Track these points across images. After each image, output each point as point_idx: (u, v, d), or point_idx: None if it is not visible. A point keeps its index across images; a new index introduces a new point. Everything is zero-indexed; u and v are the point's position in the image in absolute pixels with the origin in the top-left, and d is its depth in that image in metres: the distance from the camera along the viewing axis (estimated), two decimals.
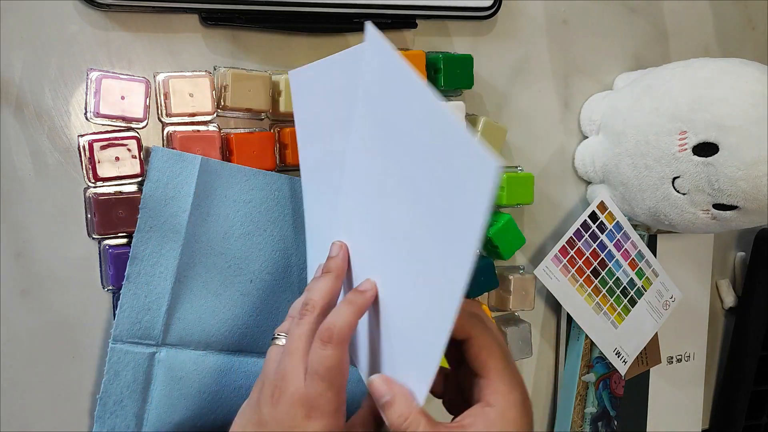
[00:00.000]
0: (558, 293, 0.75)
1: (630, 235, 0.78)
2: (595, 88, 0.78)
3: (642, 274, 0.79)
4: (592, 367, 0.75)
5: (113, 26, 0.57)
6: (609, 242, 0.78)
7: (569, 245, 0.76)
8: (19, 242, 0.55)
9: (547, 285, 0.74)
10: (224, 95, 0.58)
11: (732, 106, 0.62)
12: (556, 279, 0.75)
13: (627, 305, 0.79)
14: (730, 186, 0.63)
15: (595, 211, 0.77)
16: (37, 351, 0.56)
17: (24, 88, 0.54)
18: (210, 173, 0.58)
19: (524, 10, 0.73)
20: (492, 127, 0.70)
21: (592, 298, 0.77)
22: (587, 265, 0.76)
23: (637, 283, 0.79)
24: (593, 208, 0.76)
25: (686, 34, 0.83)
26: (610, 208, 0.77)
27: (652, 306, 0.80)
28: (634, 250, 0.79)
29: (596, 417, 0.76)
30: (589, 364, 0.75)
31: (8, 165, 0.54)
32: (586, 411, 0.76)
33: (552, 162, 0.77)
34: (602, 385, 0.76)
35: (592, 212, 0.76)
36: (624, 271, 0.78)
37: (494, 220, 0.71)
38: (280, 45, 0.63)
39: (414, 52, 0.65)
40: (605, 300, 0.77)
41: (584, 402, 0.76)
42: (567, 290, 0.75)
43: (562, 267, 0.75)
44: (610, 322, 0.78)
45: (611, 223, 0.78)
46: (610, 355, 0.77)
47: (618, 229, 0.78)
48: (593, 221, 0.77)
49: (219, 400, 0.60)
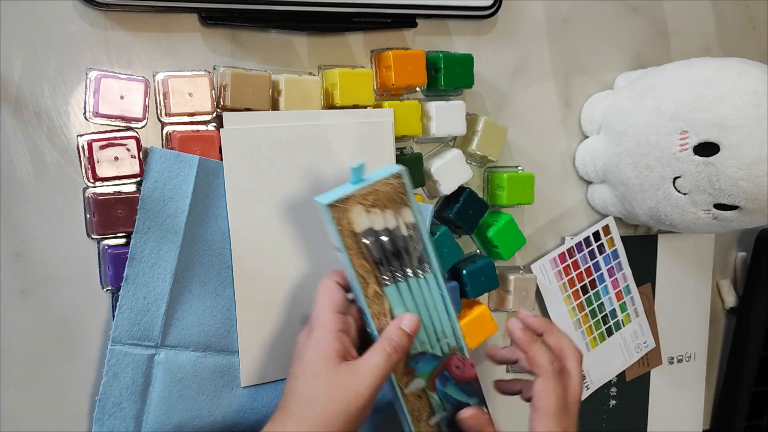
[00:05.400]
0: (546, 294, 0.76)
1: (623, 267, 0.80)
2: (595, 87, 0.78)
3: (625, 308, 0.81)
4: (413, 372, 0.55)
5: (113, 26, 0.57)
6: (604, 265, 0.79)
7: (569, 253, 0.76)
8: (19, 242, 0.55)
9: (539, 282, 0.75)
10: (224, 95, 0.58)
11: (733, 106, 0.62)
12: (548, 280, 0.75)
13: (604, 333, 0.80)
14: (731, 186, 0.63)
15: (599, 231, 0.78)
16: (36, 351, 0.56)
17: (23, 88, 0.54)
18: (208, 173, 0.57)
19: (525, 10, 0.73)
20: (492, 126, 0.69)
21: (575, 312, 0.78)
22: (579, 278, 0.78)
23: (618, 316, 0.80)
24: (599, 228, 0.77)
25: (687, 34, 0.83)
26: (612, 234, 0.78)
27: (625, 343, 0.81)
28: (623, 283, 0.80)
29: (452, 418, 0.57)
30: (408, 371, 0.55)
31: (7, 165, 0.54)
32: (433, 421, 0.56)
33: (552, 162, 0.77)
34: (440, 381, 0.56)
35: (596, 231, 0.77)
36: (610, 298, 0.80)
37: (494, 220, 0.71)
38: (280, 45, 0.63)
39: (414, 51, 0.65)
40: (586, 319, 0.78)
41: (428, 414, 0.56)
42: (555, 295, 0.76)
43: (556, 272, 0.76)
44: (585, 343, 0.78)
45: (611, 248, 0.79)
46: None
47: (614, 257, 0.80)
48: (595, 240, 0.77)
49: (218, 401, 0.60)
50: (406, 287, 0.54)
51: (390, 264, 0.53)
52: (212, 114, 0.59)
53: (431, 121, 0.66)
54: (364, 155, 0.62)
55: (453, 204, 0.68)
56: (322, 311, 0.52)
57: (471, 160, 0.71)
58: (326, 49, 0.64)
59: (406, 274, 0.54)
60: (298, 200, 0.60)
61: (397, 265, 0.54)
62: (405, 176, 0.54)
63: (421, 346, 0.55)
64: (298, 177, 0.60)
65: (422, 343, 0.55)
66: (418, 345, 0.55)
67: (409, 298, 0.54)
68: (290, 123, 0.60)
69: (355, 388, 0.50)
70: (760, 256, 0.88)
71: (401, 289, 0.54)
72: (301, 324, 0.56)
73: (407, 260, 0.54)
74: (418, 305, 0.55)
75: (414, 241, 0.54)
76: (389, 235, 0.53)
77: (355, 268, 0.52)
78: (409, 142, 0.68)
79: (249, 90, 0.59)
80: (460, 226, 0.68)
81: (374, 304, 0.53)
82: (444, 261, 0.67)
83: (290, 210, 0.60)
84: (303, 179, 0.60)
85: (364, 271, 0.53)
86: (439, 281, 0.56)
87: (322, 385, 0.50)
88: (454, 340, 0.57)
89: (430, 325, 0.56)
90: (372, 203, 0.53)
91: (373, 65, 0.66)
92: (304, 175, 0.60)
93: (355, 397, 0.50)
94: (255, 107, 0.59)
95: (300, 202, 0.60)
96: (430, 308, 0.55)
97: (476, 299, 0.72)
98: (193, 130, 0.58)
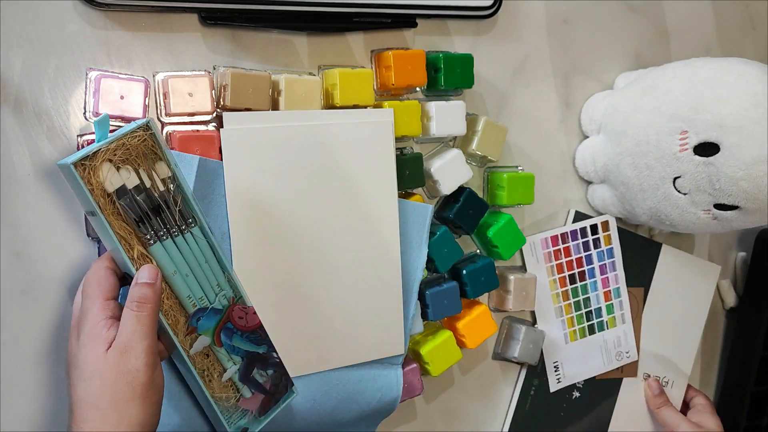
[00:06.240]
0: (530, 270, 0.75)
1: (617, 268, 0.79)
2: (595, 87, 0.78)
3: (611, 310, 0.80)
4: (195, 330, 0.53)
5: (113, 26, 0.57)
6: (597, 260, 0.78)
7: (562, 238, 0.76)
8: (19, 242, 0.55)
9: (526, 259, 0.75)
10: (224, 95, 0.58)
11: (733, 106, 0.62)
12: (535, 258, 0.75)
13: (585, 329, 0.79)
14: (731, 186, 0.63)
15: (598, 225, 0.78)
16: (37, 351, 0.56)
17: (23, 88, 0.54)
18: (208, 173, 0.57)
19: (524, 10, 0.73)
20: (492, 126, 0.69)
21: (558, 298, 0.77)
22: (569, 266, 0.77)
23: (603, 316, 0.79)
24: (597, 222, 0.77)
25: (687, 34, 0.83)
26: (611, 232, 0.78)
27: (606, 347, 0.80)
28: (614, 284, 0.80)
29: (245, 370, 0.56)
30: (189, 330, 0.53)
31: (7, 165, 0.54)
32: (225, 377, 0.55)
33: (552, 162, 0.77)
34: (225, 334, 0.54)
35: (595, 224, 0.77)
36: (597, 296, 0.79)
37: (494, 220, 0.71)
38: (280, 44, 0.63)
39: (414, 51, 0.65)
40: (569, 309, 0.78)
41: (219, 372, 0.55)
42: (540, 275, 0.75)
43: (546, 252, 0.76)
44: (564, 333, 0.78)
45: (607, 245, 0.79)
46: (549, 365, 0.77)
47: (609, 255, 0.79)
48: (592, 233, 0.77)
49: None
50: (172, 244, 0.52)
51: (151, 222, 0.50)
52: (212, 114, 0.59)
53: (431, 121, 0.66)
54: (364, 155, 0.62)
55: (453, 204, 0.68)
56: (91, 302, 0.49)
57: (471, 160, 0.71)
58: (326, 49, 0.64)
59: (171, 232, 0.51)
60: (298, 200, 0.60)
61: (159, 223, 0.51)
62: (154, 127, 0.51)
63: (200, 302, 0.53)
64: (298, 177, 0.60)
65: (200, 299, 0.53)
66: (196, 301, 0.53)
67: (177, 255, 0.52)
68: (290, 123, 0.60)
69: (128, 367, 0.47)
70: (760, 256, 0.88)
71: (167, 247, 0.52)
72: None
73: (168, 217, 0.51)
74: (188, 261, 0.53)
75: (173, 195, 0.52)
76: (145, 193, 0.50)
77: (115, 230, 0.49)
78: (409, 142, 0.68)
79: (249, 90, 0.59)
80: (460, 226, 0.68)
81: (141, 266, 0.50)
82: (444, 261, 0.67)
83: (290, 210, 0.60)
84: (303, 179, 0.60)
85: (125, 232, 0.50)
86: (207, 233, 0.54)
87: (98, 385, 0.47)
88: (231, 291, 0.55)
89: (205, 280, 0.54)
90: (122, 158, 0.49)
91: (373, 65, 0.66)
92: (304, 175, 0.60)
93: (134, 374, 0.47)
94: (255, 107, 0.59)
95: (300, 202, 0.60)
96: (201, 263, 0.53)
97: (476, 299, 0.72)
98: (193, 130, 0.58)
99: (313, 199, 0.61)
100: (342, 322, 0.63)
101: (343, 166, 0.62)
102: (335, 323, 0.63)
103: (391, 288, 0.64)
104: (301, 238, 0.61)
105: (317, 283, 0.62)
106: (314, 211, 0.61)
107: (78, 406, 0.47)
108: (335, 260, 0.62)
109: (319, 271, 0.61)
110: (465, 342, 0.69)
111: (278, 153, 0.59)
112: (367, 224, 0.63)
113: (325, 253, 0.62)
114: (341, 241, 0.62)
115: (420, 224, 0.66)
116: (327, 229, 0.62)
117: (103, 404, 0.47)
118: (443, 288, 0.67)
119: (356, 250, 0.63)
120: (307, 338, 0.62)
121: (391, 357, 0.65)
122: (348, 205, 0.62)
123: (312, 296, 0.61)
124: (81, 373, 0.48)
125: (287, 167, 0.60)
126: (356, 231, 0.63)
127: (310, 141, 0.60)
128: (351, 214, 0.62)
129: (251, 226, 0.59)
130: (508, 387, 0.77)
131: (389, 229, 0.64)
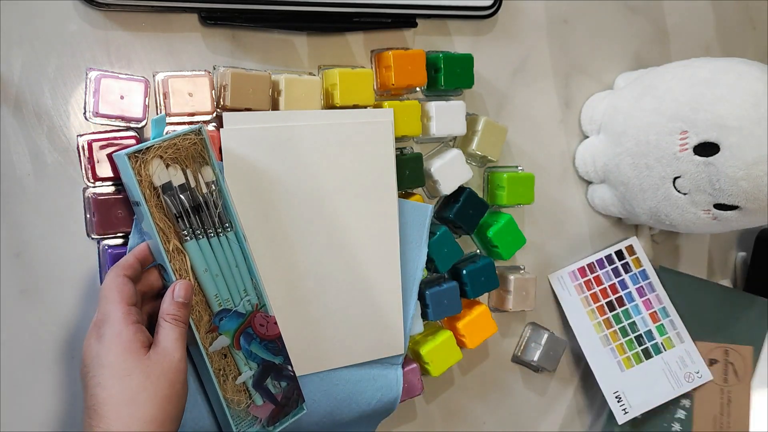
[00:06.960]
0: (566, 306, 0.76)
1: (656, 288, 0.78)
2: (595, 87, 0.78)
3: (664, 331, 0.78)
4: (217, 329, 0.55)
5: (113, 26, 0.57)
6: (632, 284, 0.78)
7: (589, 269, 0.76)
8: (19, 242, 0.55)
9: (558, 293, 0.75)
10: (224, 95, 0.58)
11: (733, 106, 0.62)
12: (567, 292, 0.75)
13: (640, 354, 0.77)
14: (731, 186, 0.63)
15: (623, 250, 0.78)
16: (37, 351, 0.56)
17: (23, 88, 0.54)
18: None
19: (524, 10, 0.73)
20: (492, 126, 0.69)
21: (601, 327, 0.76)
22: (603, 294, 0.77)
23: (656, 338, 0.77)
24: (622, 248, 0.78)
25: (687, 34, 0.83)
26: (638, 255, 0.78)
27: (670, 369, 0.77)
28: (658, 304, 0.78)
29: (259, 377, 0.57)
30: (211, 328, 0.55)
31: (7, 165, 0.54)
32: (239, 381, 0.56)
33: (552, 162, 0.77)
34: (244, 338, 0.56)
35: (619, 250, 0.77)
36: (643, 319, 0.77)
37: (494, 220, 0.71)
38: (280, 44, 0.63)
39: (414, 51, 0.65)
40: (615, 337, 0.77)
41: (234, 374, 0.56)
42: (576, 307, 0.75)
43: (577, 284, 0.76)
44: (617, 361, 0.76)
45: (637, 267, 0.78)
46: (610, 397, 0.75)
47: (644, 277, 0.78)
48: (619, 258, 0.77)
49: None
50: (207, 244, 0.54)
51: (190, 220, 0.53)
52: (212, 114, 0.59)
53: (431, 121, 0.66)
54: (364, 155, 0.62)
55: (453, 204, 0.68)
56: (114, 308, 0.50)
57: (471, 160, 0.71)
58: (326, 49, 0.64)
59: (207, 232, 0.54)
60: (297, 200, 0.60)
61: (197, 222, 0.54)
62: (205, 134, 0.54)
63: (225, 303, 0.55)
64: (298, 177, 0.60)
65: (226, 300, 0.55)
66: (222, 301, 0.55)
67: (210, 254, 0.54)
68: (290, 123, 0.60)
69: (171, 366, 0.50)
70: (760, 256, 0.88)
71: (202, 245, 0.54)
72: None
73: (207, 218, 0.54)
74: (219, 262, 0.55)
75: (214, 198, 0.54)
76: (189, 192, 0.53)
77: (155, 221, 0.52)
78: (409, 142, 0.68)
79: (249, 90, 0.59)
80: (460, 226, 0.68)
81: (175, 259, 0.53)
82: (444, 261, 0.67)
83: (290, 209, 0.60)
84: (303, 179, 0.60)
85: (165, 225, 0.53)
86: (240, 240, 0.56)
87: (138, 382, 0.49)
88: (257, 298, 0.57)
89: (233, 282, 0.56)
90: (172, 157, 0.53)
91: (373, 65, 0.66)
92: (304, 175, 0.60)
93: (175, 373, 0.50)
94: (255, 107, 0.59)
95: (300, 201, 0.60)
96: (231, 266, 0.55)
97: (476, 299, 0.72)
98: None
99: (313, 199, 0.61)
100: (342, 321, 0.63)
101: (343, 166, 0.62)
102: (335, 323, 0.63)
103: (391, 288, 0.64)
104: (301, 237, 0.61)
105: (317, 283, 0.62)
106: (314, 210, 0.61)
107: (105, 404, 0.48)
108: (335, 260, 0.62)
109: (319, 271, 0.61)
110: (465, 342, 0.69)
111: (278, 153, 0.59)
112: (367, 224, 0.63)
113: (325, 253, 0.62)
114: (341, 240, 0.62)
115: (420, 224, 0.66)
116: (327, 229, 0.62)
117: (141, 399, 0.48)
118: (443, 288, 0.67)
119: (356, 249, 0.63)
120: (307, 338, 0.62)
121: (391, 357, 0.65)
122: (348, 205, 0.62)
123: (312, 296, 0.61)
124: (114, 371, 0.49)
125: (287, 167, 0.60)
126: (356, 231, 0.63)
127: (310, 141, 0.60)
128: (351, 214, 0.62)
129: (251, 225, 0.59)
130: (508, 387, 0.77)
131: (389, 229, 0.64)
